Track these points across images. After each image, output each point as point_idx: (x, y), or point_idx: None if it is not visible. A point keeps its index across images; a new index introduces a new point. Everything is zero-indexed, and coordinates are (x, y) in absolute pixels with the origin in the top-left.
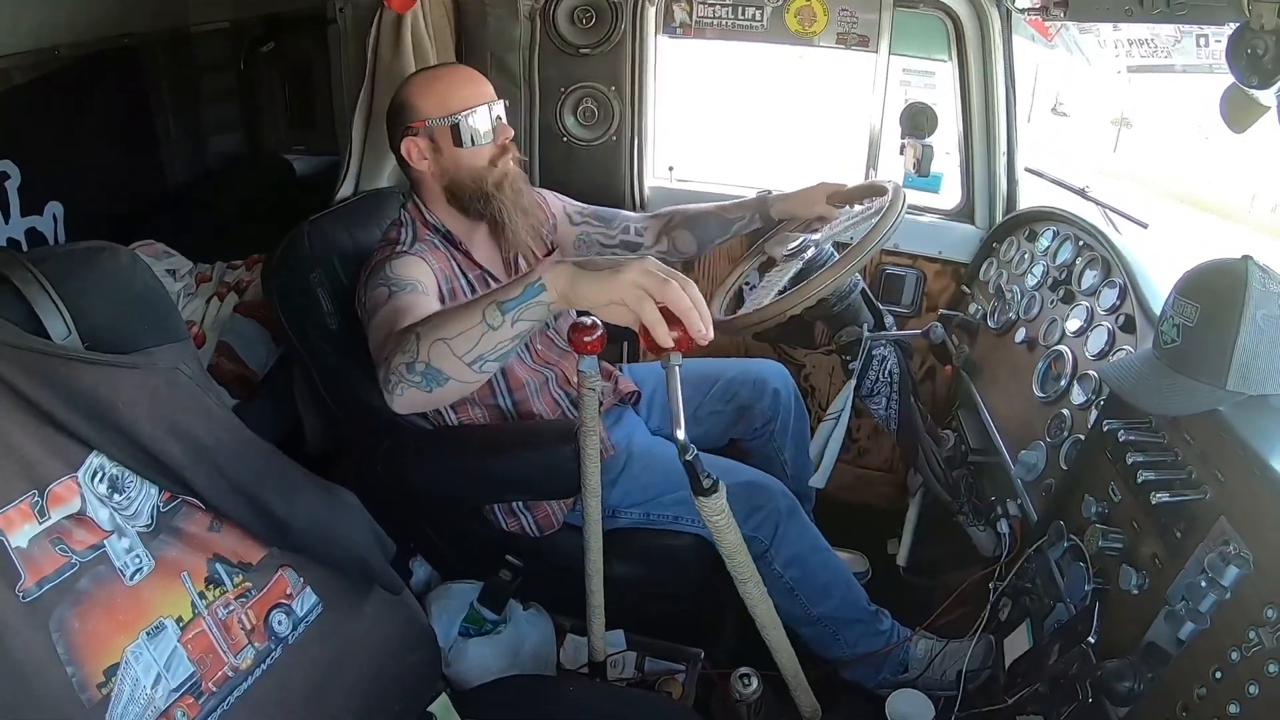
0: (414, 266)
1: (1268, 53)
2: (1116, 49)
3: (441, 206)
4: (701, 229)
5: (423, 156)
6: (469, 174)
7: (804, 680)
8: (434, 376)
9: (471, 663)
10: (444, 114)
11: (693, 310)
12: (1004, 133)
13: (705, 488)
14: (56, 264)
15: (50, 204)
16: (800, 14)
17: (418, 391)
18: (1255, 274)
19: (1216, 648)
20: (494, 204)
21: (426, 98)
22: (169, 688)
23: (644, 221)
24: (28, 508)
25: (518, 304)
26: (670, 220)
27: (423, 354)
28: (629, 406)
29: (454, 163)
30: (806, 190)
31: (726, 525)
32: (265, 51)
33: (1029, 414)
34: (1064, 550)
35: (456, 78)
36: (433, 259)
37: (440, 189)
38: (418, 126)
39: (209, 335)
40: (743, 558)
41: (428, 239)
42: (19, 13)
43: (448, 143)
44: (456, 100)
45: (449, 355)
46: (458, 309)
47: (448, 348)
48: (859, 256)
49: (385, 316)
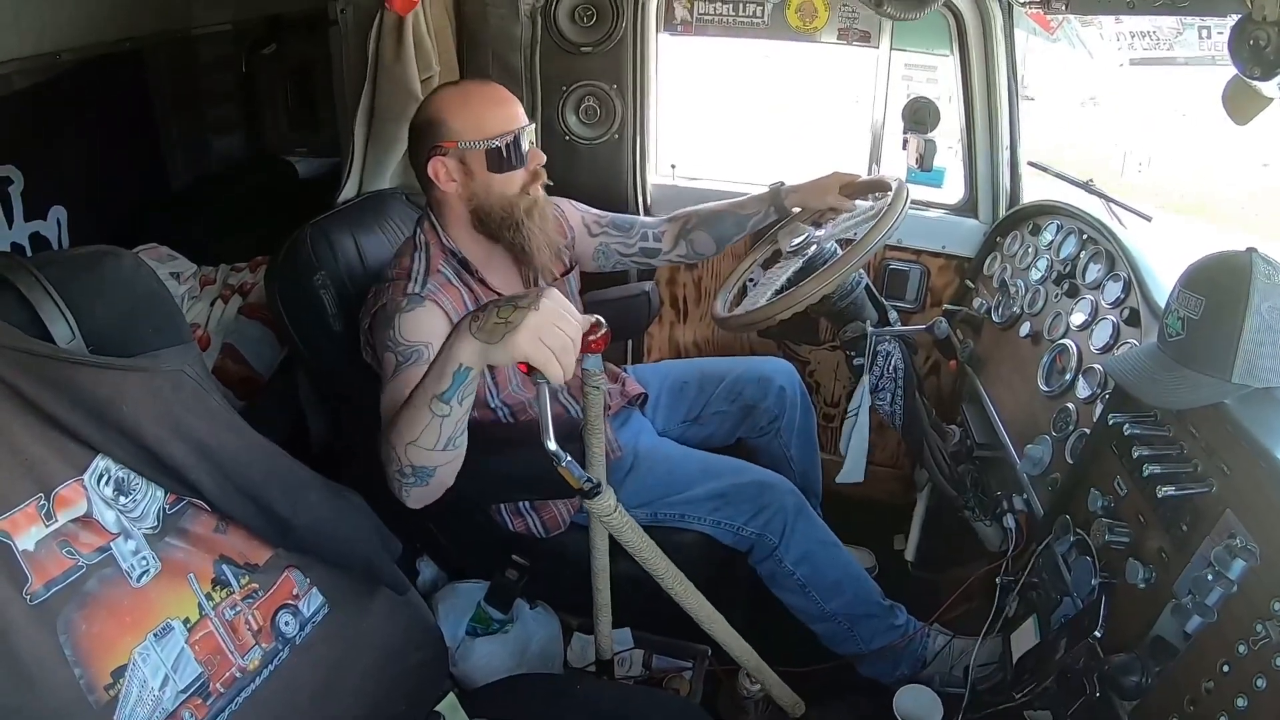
0: (422, 322)
1: (1270, 44)
2: (1119, 42)
3: (463, 230)
4: (718, 228)
5: (451, 178)
6: (499, 200)
7: (771, 674)
8: (422, 473)
9: (478, 662)
10: (480, 137)
11: (564, 353)
12: (1006, 127)
13: (587, 491)
14: (60, 268)
15: (54, 208)
16: (801, 10)
17: (420, 489)
18: (1260, 266)
19: (1223, 642)
20: (523, 231)
21: (460, 118)
22: (177, 689)
23: (661, 226)
24: (34, 511)
25: (454, 391)
26: (686, 222)
27: (403, 460)
28: (635, 408)
29: (485, 188)
30: (819, 180)
31: (622, 524)
32: (267, 53)
33: (1034, 408)
34: (1070, 545)
35: (492, 97)
36: (445, 298)
37: (466, 212)
38: (449, 147)
39: (213, 338)
40: (652, 555)
41: (441, 271)
42: (21, 18)
43: (480, 167)
44: (492, 123)
45: (423, 452)
46: (409, 410)
47: (418, 447)
48: (863, 253)
49: (393, 393)
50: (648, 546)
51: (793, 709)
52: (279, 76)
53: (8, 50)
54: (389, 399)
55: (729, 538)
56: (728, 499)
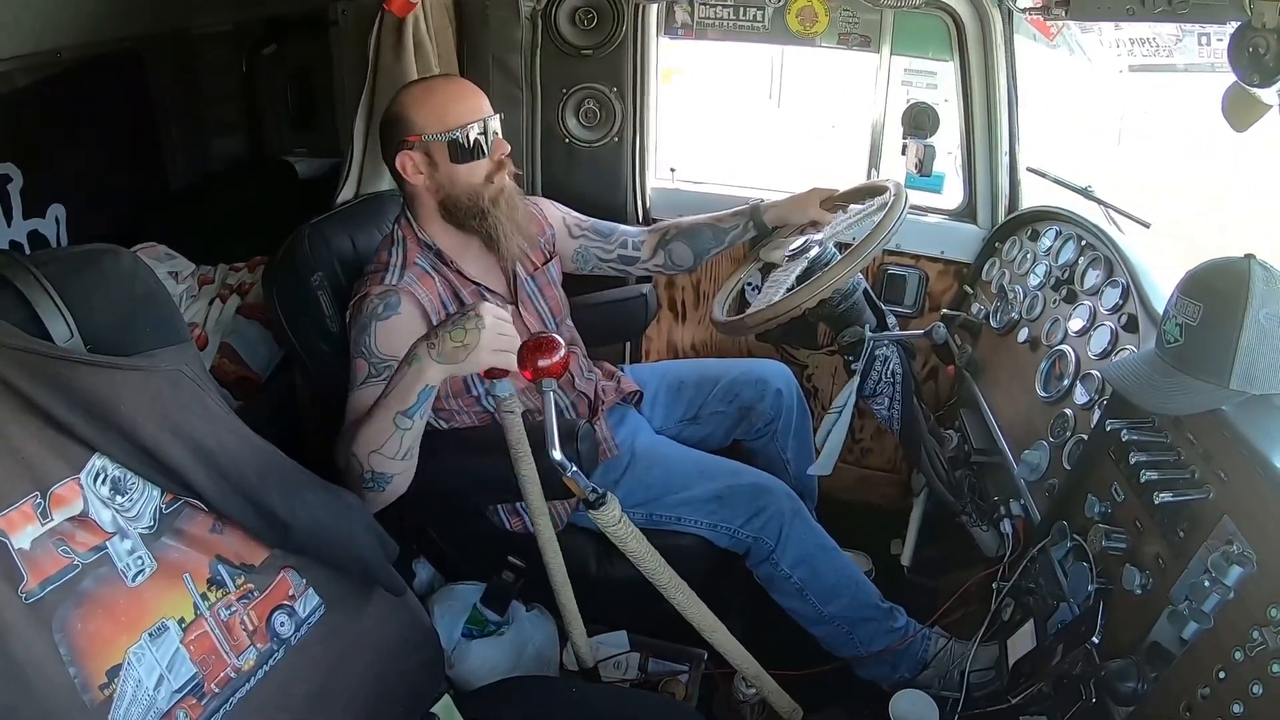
0: (398, 333)
1: (1269, 51)
2: (1118, 48)
3: (435, 223)
4: (697, 240)
5: (418, 171)
6: (465, 190)
7: (770, 681)
8: (381, 479)
9: (474, 664)
10: (441, 129)
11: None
12: (1006, 132)
13: (592, 501)
14: (59, 267)
15: (52, 207)
16: (801, 14)
17: (376, 494)
18: (1258, 273)
19: (1220, 647)
20: (489, 220)
21: (422, 112)
22: (171, 689)
23: (641, 235)
24: (30, 509)
25: (418, 408)
26: (666, 233)
27: (365, 465)
28: (631, 406)
29: (450, 178)
30: (798, 196)
31: (626, 534)
32: (267, 54)
33: (1032, 414)
34: (1067, 550)
35: (453, 91)
36: (422, 290)
37: (435, 204)
38: (413, 141)
39: (211, 337)
40: (655, 565)
41: (418, 263)
42: (21, 15)
43: (444, 158)
44: (454, 115)
45: (385, 459)
46: (373, 422)
47: (381, 455)
48: (861, 256)
49: (358, 400)
50: (650, 555)
51: (790, 716)
52: (279, 77)
53: (7, 48)
54: (354, 404)
55: (726, 540)
56: (724, 501)
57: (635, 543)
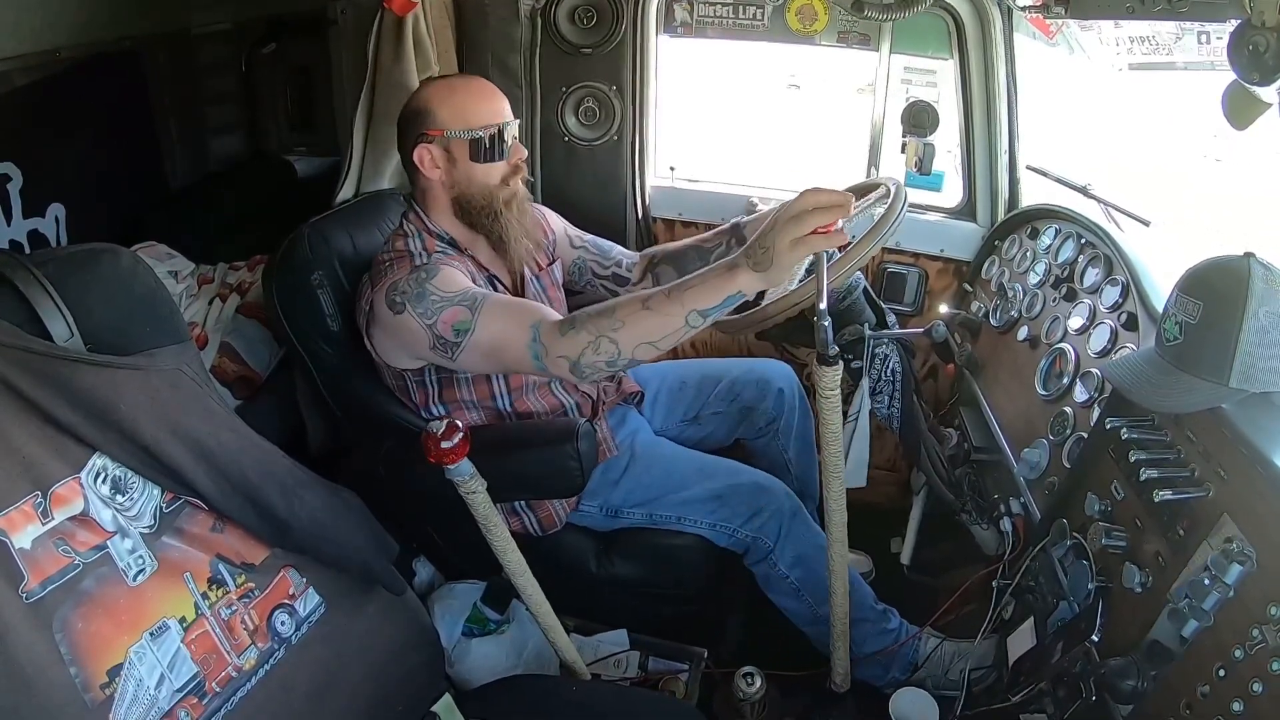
0: (454, 275)
1: (1269, 49)
2: (1118, 46)
3: (445, 216)
4: (683, 263)
5: (435, 166)
6: (480, 190)
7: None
8: (627, 364)
9: (475, 663)
10: (464, 127)
11: (832, 210)
12: (1005, 131)
13: (829, 358)
14: (58, 266)
15: (52, 206)
16: (801, 12)
17: (604, 372)
18: (1258, 271)
19: (1220, 645)
20: (500, 221)
21: (446, 107)
22: (172, 688)
23: (633, 258)
24: (30, 509)
25: (718, 310)
26: (654, 258)
27: (626, 354)
28: (632, 406)
29: (467, 176)
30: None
31: (831, 406)
32: (266, 53)
33: (1031, 412)
34: (1067, 548)
35: (479, 91)
36: (454, 262)
37: (448, 200)
38: (434, 135)
39: (211, 336)
40: (835, 432)
41: (437, 249)
42: (20, 15)
43: (464, 156)
44: (477, 115)
45: (652, 349)
46: (657, 316)
47: (650, 345)
48: (860, 254)
49: (486, 331)
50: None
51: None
52: (278, 76)
53: (7, 47)
54: (487, 338)
55: (725, 539)
56: (724, 500)
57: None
